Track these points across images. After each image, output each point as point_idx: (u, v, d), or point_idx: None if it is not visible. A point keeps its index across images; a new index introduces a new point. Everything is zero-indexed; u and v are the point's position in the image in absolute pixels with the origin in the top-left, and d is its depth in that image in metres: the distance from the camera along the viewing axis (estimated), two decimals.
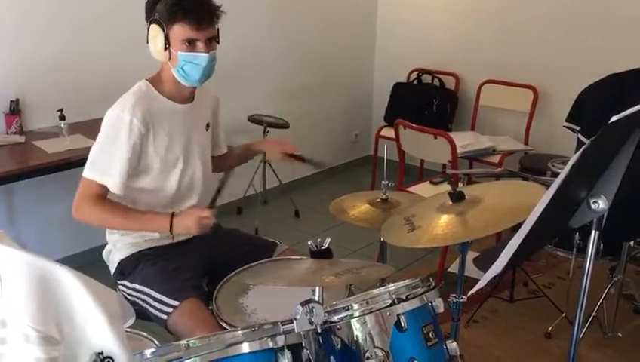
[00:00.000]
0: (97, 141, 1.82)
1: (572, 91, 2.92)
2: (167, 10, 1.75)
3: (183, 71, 1.81)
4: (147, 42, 1.83)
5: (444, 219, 1.58)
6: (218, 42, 1.86)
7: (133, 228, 1.89)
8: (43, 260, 1.01)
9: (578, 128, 2.82)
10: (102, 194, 1.81)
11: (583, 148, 1.07)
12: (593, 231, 1.33)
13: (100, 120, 1.83)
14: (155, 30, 1.78)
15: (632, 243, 2.68)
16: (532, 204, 1.17)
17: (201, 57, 1.79)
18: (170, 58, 1.80)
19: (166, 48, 1.78)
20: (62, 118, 2.91)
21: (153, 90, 1.87)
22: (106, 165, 1.79)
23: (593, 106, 2.75)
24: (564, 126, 2.93)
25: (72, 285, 1.01)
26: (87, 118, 3.10)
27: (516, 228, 1.22)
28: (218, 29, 1.84)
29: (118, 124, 1.77)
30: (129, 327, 1.29)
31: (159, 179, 1.89)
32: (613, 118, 1.09)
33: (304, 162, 2.14)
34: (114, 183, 1.79)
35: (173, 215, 1.79)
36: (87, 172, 1.81)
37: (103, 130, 1.82)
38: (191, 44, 1.77)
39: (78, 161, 2.71)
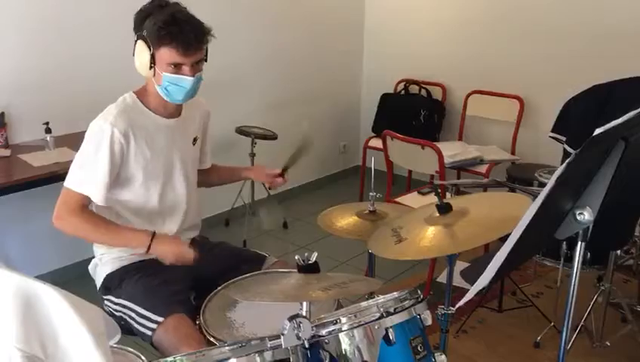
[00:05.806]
0: (79, 152, 1.82)
1: (557, 101, 2.95)
2: (156, 32, 1.73)
3: (167, 90, 1.81)
4: (133, 55, 1.82)
5: (432, 230, 1.58)
6: (206, 60, 1.85)
7: (112, 243, 1.87)
8: (26, 278, 1.00)
9: (564, 138, 2.85)
10: (83, 205, 1.79)
11: (567, 160, 1.08)
12: (579, 243, 1.33)
13: None
14: (142, 47, 1.77)
15: (618, 251, 2.69)
16: (519, 216, 1.17)
17: (186, 81, 1.78)
18: (154, 75, 1.80)
19: (151, 67, 1.77)
20: (48, 130, 2.89)
21: (139, 103, 1.86)
22: (87, 175, 1.78)
23: (578, 117, 2.77)
24: (549, 136, 2.96)
25: (55, 303, 1.00)
26: (73, 130, 3.07)
27: (504, 238, 1.21)
28: (207, 48, 1.82)
29: (100, 134, 1.77)
30: (116, 343, 1.28)
31: (140, 194, 1.88)
32: (597, 131, 1.09)
33: (292, 163, 2.13)
34: (95, 193, 1.79)
35: (153, 236, 1.79)
36: (68, 181, 1.80)
37: (85, 140, 1.81)
38: (177, 67, 1.77)
39: (64, 174, 2.64)
